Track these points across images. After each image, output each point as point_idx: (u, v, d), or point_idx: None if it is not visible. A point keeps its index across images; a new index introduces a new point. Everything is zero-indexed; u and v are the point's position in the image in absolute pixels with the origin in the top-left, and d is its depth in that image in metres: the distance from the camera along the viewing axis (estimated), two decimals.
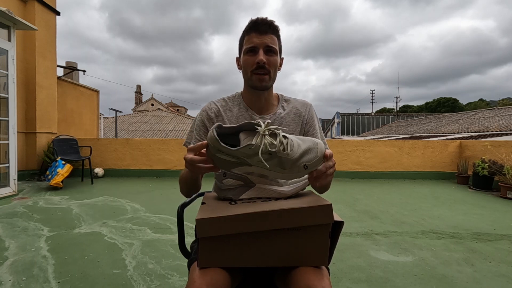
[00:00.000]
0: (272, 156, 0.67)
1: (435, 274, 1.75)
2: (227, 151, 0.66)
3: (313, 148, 0.69)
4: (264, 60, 0.90)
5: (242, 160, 0.67)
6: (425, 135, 14.13)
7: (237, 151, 0.65)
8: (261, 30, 0.91)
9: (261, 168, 0.68)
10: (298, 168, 0.68)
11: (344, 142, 5.80)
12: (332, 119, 36.31)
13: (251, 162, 0.67)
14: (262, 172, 0.70)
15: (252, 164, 0.67)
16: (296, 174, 0.69)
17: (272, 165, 0.67)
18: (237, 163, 0.68)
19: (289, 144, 0.68)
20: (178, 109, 48.65)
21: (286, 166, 0.68)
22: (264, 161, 0.66)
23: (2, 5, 4.04)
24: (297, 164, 0.68)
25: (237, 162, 0.68)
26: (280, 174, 0.69)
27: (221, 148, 0.66)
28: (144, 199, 3.62)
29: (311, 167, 0.68)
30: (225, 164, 0.69)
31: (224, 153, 0.66)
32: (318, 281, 0.65)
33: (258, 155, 0.65)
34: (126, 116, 25.02)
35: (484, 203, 3.61)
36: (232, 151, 0.65)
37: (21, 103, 4.73)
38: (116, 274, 1.69)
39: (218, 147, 0.66)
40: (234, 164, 0.68)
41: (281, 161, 0.67)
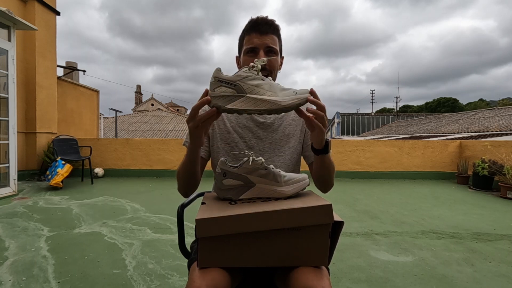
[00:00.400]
0: (264, 82, 0.70)
1: (435, 274, 1.75)
2: (226, 78, 0.69)
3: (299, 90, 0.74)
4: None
5: (237, 88, 0.69)
6: (425, 135, 14.14)
7: (235, 75, 0.69)
8: (262, 31, 0.91)
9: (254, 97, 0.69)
10: (288, 92, 0.70)
11: (344, 142, 5.80)
12: (332, 119, 36.31)
13: (245, 88, 0.69)
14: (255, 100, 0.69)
15: (246, 92, 0.69)
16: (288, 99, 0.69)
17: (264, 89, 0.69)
18: (232, 96, 0.69)
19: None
20: (178, 109, 48.67)
21: (277, 91, 0.70)
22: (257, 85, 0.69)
23: (2, 5, 4.04)
24: (287, 90, 0.70)
25: (232, 93, 0.69)
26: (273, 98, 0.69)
27: (221, 76, 0.69)
28: (144, 199, 3.62)
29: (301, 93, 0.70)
30: (221, 100, 0.70)
31: (223, 83, 0.69)
32: (318, 281, 0.65)
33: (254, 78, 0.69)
34: (126, 116, 25.02)
35: (484, 203, 3.61)
36: (231, 76, 0.69)
37: (21, 103, 4.74)
38: (116, 274, 1.69)
39: (219, 76, 0.69)
40: (230, 98, 0.69)
41: (271, 86, 0.70)
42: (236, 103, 0.68)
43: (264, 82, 0.70)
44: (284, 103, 0.68)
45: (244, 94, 0.69)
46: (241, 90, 0.69)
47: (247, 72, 0.70)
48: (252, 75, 0.70)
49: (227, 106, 0.69)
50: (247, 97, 0.68)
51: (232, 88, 0.69)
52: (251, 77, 0.69)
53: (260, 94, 0.69)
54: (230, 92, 0.69)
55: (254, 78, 0.70)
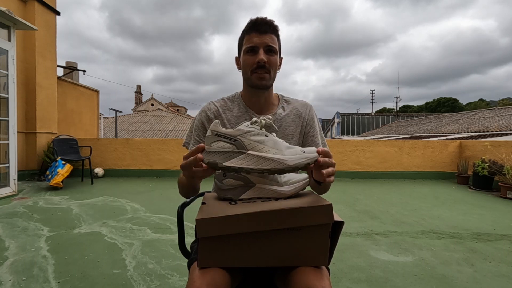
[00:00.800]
0: (267, 139, 0.65)
1: (435, 274, 1.75)
2: (226, 132, 0.64)
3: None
4: (264, 59, 0.89)
5: (238, 144, 0.63)
6: (425, 135, 14.13)
7: (235, 129, 0.64)
8: (261, 30, 0.91)
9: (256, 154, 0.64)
10: (295, 151, 0.65)
11: (344, 142, 5.80)
12: (332, 119, 36.31)
13: (246, 145, 0.63)
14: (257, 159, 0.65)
15: (248, 149, 0.64)
16: (295, 157, 0.65)
17: (268, 145, 0.64)
18: (231, 152, 0.65)
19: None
20: (178, 109, 48.66)
21: (282, 148, 0.65)
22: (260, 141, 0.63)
23: (2, 5, 4.04)
24: (294, 149, 0.66)
25: (232, 149, 0.64)
26: (278, 156, 0.64)
27: (220, 130, 0.64)
28: (144, 199, 3.62)
29: (308, 152, 0.65)
30: (221, 156, 0.66)
31: (222, 137, 0.65)
32: (318, 281, 0.65)
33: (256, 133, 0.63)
34: (126, 116, 25.02)
35: (484, 203, 3.61)
36: (231, 130, 0.64)
37: (21, 103, 4.73)
38: (116, 274, 1.69)
39: (217, 130, 0.64)
40: (229, 154, 0.65)
41: (276, 143, 0.64)
42: (235, 160, 0.63)
43: (268, 139, 0.64)
44: (291, 163, 0.62)
45: (245, 151, 0.63)
46: (241, 146, 0.63)
47: (249, 126, 0.64)
48: (255, 130, 0.64)
49: (225, 164, 0.62)
50: (249, 154, 0.62)
51: (232, 144, 0.63)
52: (253, 132, 0.63)
53: (264, 151, 0.63)
54: (229, 147, 0.63)
55: (256, 134, 0.64)
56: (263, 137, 0.64)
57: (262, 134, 0.65)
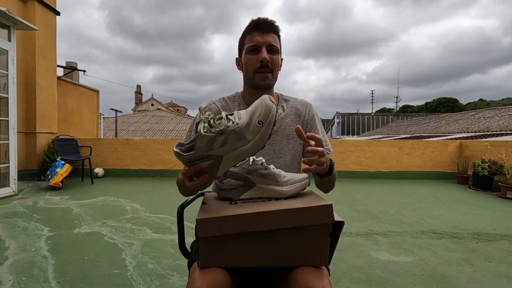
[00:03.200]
0: (227, 134, 0.66)
1: (435, 274, 1.75)
2: (192, 157, 0.66)
3: (258, 103, 0.69)
4: (268, 58, 0.90)
5: (212, 157, 0.67)
6: (425, 135, 14.13)
7: (196, 149, 0.66)
8: (264, 29, 0.91)
9: (232, 154, 0.67)
10: (255, 127, 0.66)
11: (344, 142, 5.80)
12: (332, 119, 36.31)
13: (218, 153, 0.66)
14: (236, 157, 0.68)
15: (222, 155, 0.67)
16: (258, 137, 0.67)
17: (232, 142, 0.66)
18: (214, 164, 0.68)
19: (236, 115, 0.69)
20: (178, 109, 48.65)
21: (244, 134, 0.66)
22: (223, 143, 0.66)
23: (2, 5, 4.04)
24: (251, 124, 0.66)
25: (212, 163, 0.67)
26: (247, 146, 0.66)
27: (187, 158, 0.66)
28: (144, 199, 3.62)
29: (265, 118, 0.66)
30: (208, 171, 0.69)
31: (196, 161, 0.67)
32: (318, 281, 0.65)
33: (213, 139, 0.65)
34: (126, 116, 25.02)
35: (484, 203, 3.61)
36: (193, 153, 0.66)
37: (21, 103, 4.73)
38: (116, 274, 1.69)
39: (185, 159, 0.67)
40: (213, 167, 0.68)
41: (236, 133, 0.66)
42: (221, 169, 0.70)
43: (226, 134, 0.66)
44: (259, 146, 0.69)
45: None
46: (216, 157, 0.68)
47: (203, 139, 0.66)
48: (209, 137, 0.66)
49: (218, 176, 0.71)
50: (226, 158, 0.68)
51: (209, 160, 0.68)
52: (210, 139, 0.66)
53: (235, 148, 0.68)
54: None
55: (214, 139, 0.66)
56: (222, 137, 0.67)
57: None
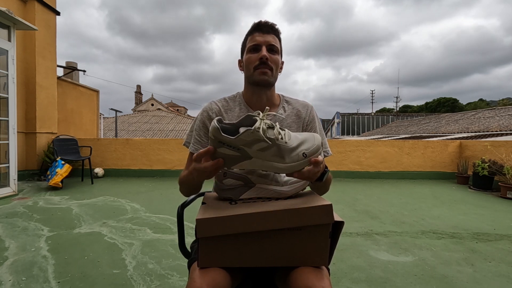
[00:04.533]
0: (270, 145, 0.66)
1: (435, 274, 1.75)
2: (228, 141, 0.65)
3: (310, 137, 0.71)
4: (267, 55, 0.92)
5: (242, 152, 0.66)
6: (425, 135, 14.13)
7: (237, 138, 0.65)
8: (264, 30, 0.94)
9: (261, 161, 0.67)
10: (297, 156, 0.67)
11: (344, 142, 5.80)
12: (332, 119, 36.30)
13: (250, 153, 0.66)
14: (262, 165, 0.68)
15: (252, 156, 0.66)
16: (296, 164, 0.67)
17: (271, 154, 0.66)
18: (237, 158, 0.67)
19: (286, 134, 0.70)
20: (178, 109, 48.66)
21: (285, 155, 0.67)
22: (263, 149, 0.65)
23: (2, 5, 4.04)
24: (296, 152, 0.67)
25: (237, 156, 0.67)
26: (280, 165, 0.67)
27: (222, 139, 0.65)
28: (144, 199, 3.62)
29: (310, 154, 0.68)
30: (226, 160, 0.68)
31: (225, 145, 0.66)
32: (318, 281, 0.65)
33: (258, 140, 0.65)
34: (126, 116, 25.01)
35: (484, 203, 3.61)
36: (232, 139, 0.65)
37: (21, 103, 4.73)
38: (116, 274, 1.69)
39: (219, 138, 0.65)
40: (235, 159, 0.67)
41: (279, 149, 0.66)
42: (241, 165, 0.68)
43: (271, 145, 0.65)
44: (290, 170, 0.68)
45: (250, 158, 0.67)
46: (246, 154, 0.66)
47: (251, 136, 0.64)
48: (257, 138, 0.65)
49: (233, 167, 0.68)
50: (254, 161, 0.67)
51: (236, 152, 0.66)
52: (255, 140, 0.65)
53: (267, 159, 0.66)
54: (234, 154, 0.67)
55: (259, 141, 0.65)
56: (266, 145, 0.66)
57: (264, 142, 0.66)
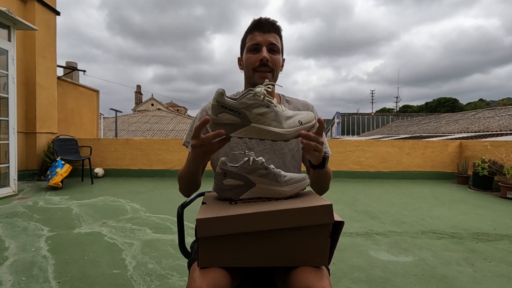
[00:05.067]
0: (269, 110, 0.69)
1: (435, 274, 1.75)
2: (231, 104, 0.67)
3: (304, 112, 0.76)
4: (267, 57, 0.89)
5: (242, 117, 0.67)
6: (425, 135, 14.13)
7: (239, 101, 0.67)
8: (264, 29, 0.91)
9: (259, 127, 0.68)
10: (293, 123, 0.70)
11: (344, 142, 5.80)
12: (332, 119, 36.30)
13: (250, 118, 0.68)
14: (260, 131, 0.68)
15: (252, 122, 0.68)
16: (293, 130, 0.70)
17: (269, 118, 0.69)
18: (237, 124, 0.68)
19: (282, 106, 0.74)
20: (178, 109, 48.65)
21: (282, 121, 0.69)
22: (262, 114, 0.68)
23: (2, 5, 4.04)
24: (292, 119, 0.71)
25: (237, 122, 0.68)
26: (277, 129, 0.69)
27: (225, 101, 0.67)
28: (144, 199, 3.62)
29: (305, 122, 0.71)
30: (226, 128, 0.68)
31: (227, 110, 0.67)
32: (318, 281, 0.65)
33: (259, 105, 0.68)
34: (126, 116, 25.01)
35: (484, 203, 3.61)
36: (235, 102, 0.67)
37: (21, 103, 4.73)
38: (116, 274, 1.69)
39: (222, 101, 0.67)
40: (235, 126, 0.68)
41: (277, 115, 0.69)
42: (240, 132, 0.68)
43: (269, 110, 0.69)
44: (288, 136, 0.69)
45: (249, 123, 0.68)
46: (246, 119, 0.67)
47: (252, 99, 0.68)
48: (257, 102, 0.68)
49: (231, 135, 0.68)
50: (252, 127, 0.68)
51: (237, 116, 0.67)
52: (256, 104, 0.68)
53: (266, 124, 0.68)
54: (234, 120, 0.68)
55: (259, 106, 0.68)
56: (265, 109, 0.69)
57: (264, 106, 0.69)
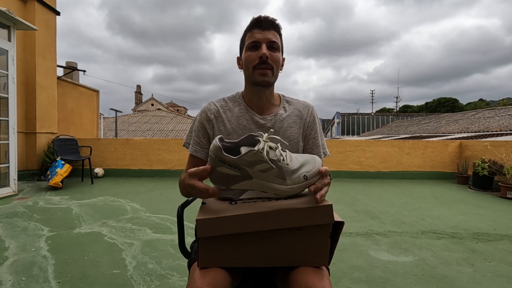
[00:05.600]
0: (272, 167, 0.66)
1: (435, 274, 1.75)
2: (230, 161, 0.65)
3: (311, 160, 0.73)
4: (267, 54, 0.88)
5: (243, 172, 0.66)
6: (425, 135, 14.13)
7: (239, 158, 0.65)
8: (264, 27, 0.90)
9: (261, 182, 0.67)
10: (298, 178, 0.68)
11: (344, 142, 5.80)
12: (332, 119, 36.30)
13: (252, 174, 0.66)
14: (262, 186, 0.68)
15: (253, 177, 0.66)
16: (296, 187, 0.68)
17: (272, 175, 0.67)
18: (238, 177, 0.67)
19: (287, 155, 0.70)
20: (178, 109, 48.65)
21: (286, 177, 0.67)
22: (265, 170, 0.66)
23: (2, 5, 4.04)
24: (297, 174, 0.68)
25: (238, 176, 0.67)
26: (281, 187, 0.68)
27: (224, 158, 0.65)
28: (144, 199, 3.62)
29: (310, 177, 0.69)
30: (226, 179, 0.68)
31: (226, 165, 0.65)
32: (318, 281, 0.65)
33: (261, 161, 0.65)
34: (126, 116, 25.01)
35: (484, 203, 3.61)
36: (235, 159, 0.65)
37: (21, 103, 4.73)
38: (116, 274, 1.69)
39: (220, 156, 0.65)
40: (235, 179, 0.67)
41: (281, 171, 0.67)
42: (241, 185, 0.67)
43: (273, 166, 0.66)
44: (292, 193, 0.68)
45: (250, 178, 0.67)
46: (247, 174, 0.66)
47: (253, 157, 0.65)
48: (259, 159, 0.65)
49: (231, 187, 0.67)
50: (254, 181, 0.67)
51: (237, 171, 0.66)
52: (257, 161, 0.65)
53: (268, 181, 0.66)
54: (235, 174, 0.66)
55: (261, 162, 0.65)
56: (268, 166, 0.66)
57: (267, 163, 0.66)
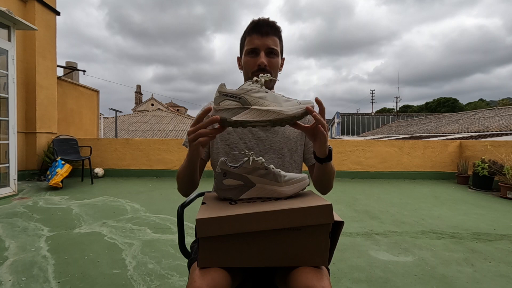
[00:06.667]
0: (268, 94, 0.72)
1: (435, 274, 1.75)
2: (231, 91, 0.71)
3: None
4: (265, 62, 0.90)
5: (243, 101, 0.70)
6: (425, 135, 14.13)
7: (239, 88, 0.71)
8: (263, 32, 0.91)
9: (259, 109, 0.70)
10: (292, 103, 0.71)
11: (344, 142, 5.80)
12: (332, 119, 36.30)
13: (250, 101, 0.70)
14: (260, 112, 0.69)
15: (252, 105, 0.70)
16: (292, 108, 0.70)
17: (268, 100, 0.71)
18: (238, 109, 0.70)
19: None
20: (178, 109, 48.65)
21: (281, 102, 0.71)
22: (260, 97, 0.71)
23: (2, 5, 4.04)
24: (291, 101, 0.72)
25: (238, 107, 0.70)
26: (277, 108, 0.70)
27: (226, 90, 0.71)
28: (144, 199, 3.62)
29: (304, 103, 0.71)
30: (229, 113, 0.70)
31: (228, 97, 0.71)
32: (318, 281, 0.65)
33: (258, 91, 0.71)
34: (126, 116, 25.01)
35: (484, 203, 3.61)
36: (235, 90, 0.71)
37: (21, 103, 4.73)
38: (116, 274, 1.69)
39: (223, 90, 0.71)
40: (236, 110, 0.70)
41: (276, 97, 0.72)
42: (241, 115, 0.70)
43: (268, 94, 0.72)
44: (289, 113, 0.69)
45: (249, 106, 0.70)
46: (246, 102, 0.70)
47: (251, 85, 0.72)
48: (256, 88, 0.71)
49: (233, 118, 0.70)
50: (252, 109, 0.70)
51: (237, 101, 0.71)
52: (255, 90, 0.71)
53: (265, 105, 0.70)
54: (235, 105, 0.71)
55: (258, 91, 0.72)
56: (263, 93, 0.72)
57: (262, 91, 0.72)
